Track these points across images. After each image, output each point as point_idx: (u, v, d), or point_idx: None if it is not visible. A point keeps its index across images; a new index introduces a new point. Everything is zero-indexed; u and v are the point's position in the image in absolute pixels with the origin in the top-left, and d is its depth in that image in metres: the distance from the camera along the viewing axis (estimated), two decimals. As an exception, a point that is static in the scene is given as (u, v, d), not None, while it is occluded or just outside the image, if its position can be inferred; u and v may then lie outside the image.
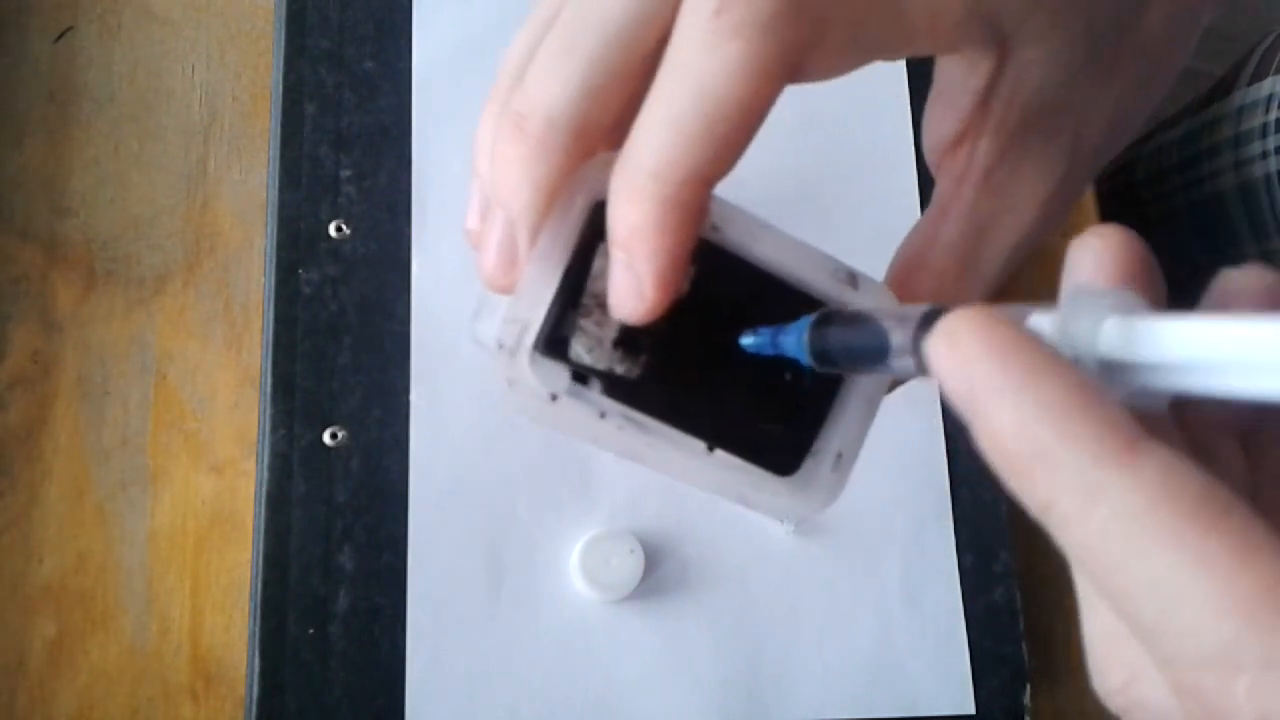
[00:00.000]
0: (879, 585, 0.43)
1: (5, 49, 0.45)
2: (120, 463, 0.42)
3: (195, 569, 0.41)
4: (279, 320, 0.41)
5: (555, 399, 0.24)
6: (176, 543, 0.41)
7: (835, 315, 0.23)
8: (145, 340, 0.43)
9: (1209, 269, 0.22)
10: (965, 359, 0.18)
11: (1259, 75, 0.55)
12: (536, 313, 0.24)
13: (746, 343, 0.25)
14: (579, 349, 0.24)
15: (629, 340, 0.24)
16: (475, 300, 0.28)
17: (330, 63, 0.44)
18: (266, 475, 0.40)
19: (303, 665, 0.39)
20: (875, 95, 0.48)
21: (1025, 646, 0.43)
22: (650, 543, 0.41)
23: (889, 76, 0.48)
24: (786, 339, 0.24)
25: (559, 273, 0.24)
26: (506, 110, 0.24)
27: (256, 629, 0.39)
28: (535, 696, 0.40)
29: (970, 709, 0.42)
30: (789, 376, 0.24)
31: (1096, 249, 0.20)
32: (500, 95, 0.25)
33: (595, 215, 0.24)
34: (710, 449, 0.25)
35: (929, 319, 0.21)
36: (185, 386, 0.43)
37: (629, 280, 0.22)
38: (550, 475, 0.42)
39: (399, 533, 0.40)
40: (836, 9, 0.22)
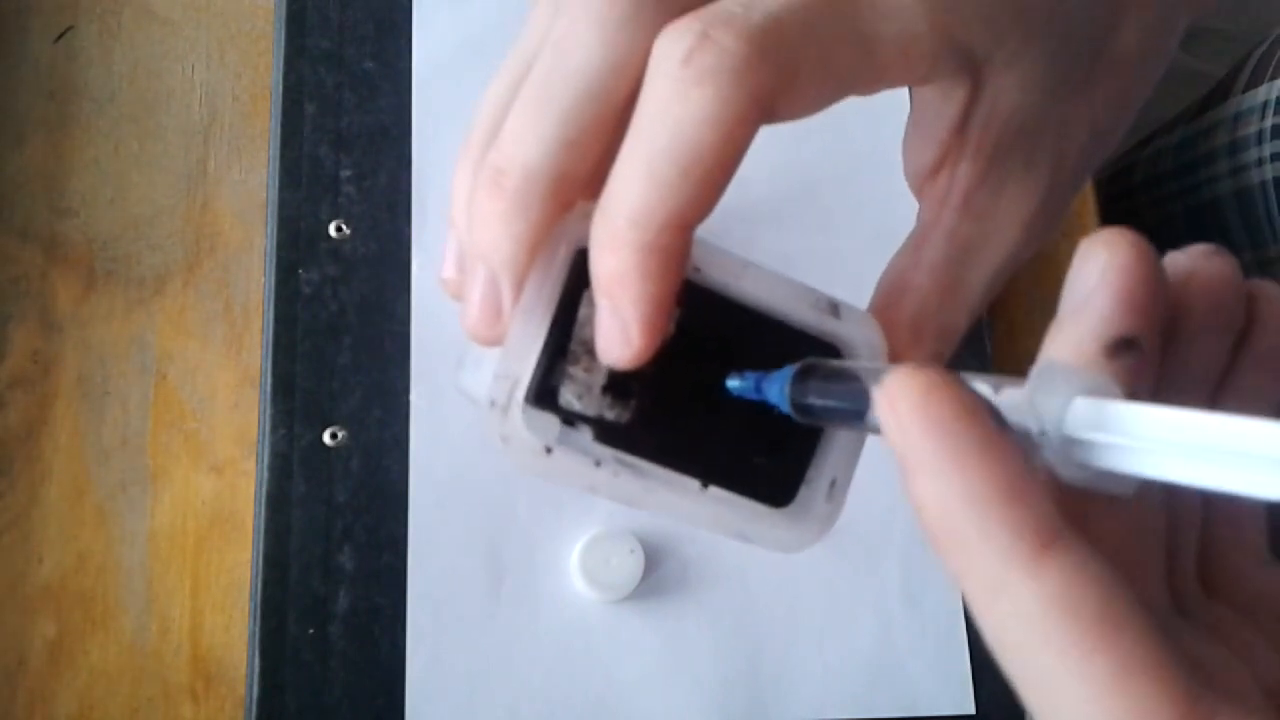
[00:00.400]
0: (879, 585, 0.43)
1: (5, 49, 0.45)
2: (120, 463, 0.42)
3: (195, 569, 0.41)
4: (279, 320, 0.41)
5: (550, 451, 0.24)
6: (176, 543, 0.41)
7: (817, 368, 0.24)
8: (145, 340, 0.43)
9: None
10: (900, 424, 0.19)
11: (1255, 82, 0.55)
12: (525, 366, 0.24)
13: (732, 386, 0.25)
14: (569, 396, 0.24)
15: (618, 385, 0.24)
16: (459, 351, 0.28)
17: (330, 63, 0.44)
18: (266, 475, 0.40)
19: (303, 665, 0.39)
20: (875, 97, 0.48)
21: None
22: (650, 543, 0.41)
23: (888, 78, 0.48)
24: (770, 387, 0.24)
25: (545, 325, 0.24)
26: (483, 165, 0.24)
27: (256, 629, 0.39)
28: (535, 696, 0.40)
29: (970, 709, 0.42)
30: (777, 409, 0.25)
31: (1103, 261, 0.20)
32: (475, 147, 0.25)
33: (578, 264, 0.24)
34: (704, 486, 0.25)
35: None
36: (185, 386, 0.43)
37: (615, 326, 0.23)
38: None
39: (399, 533, 0.40)
40: (805, 49, 0.22)
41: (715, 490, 0.25)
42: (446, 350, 0.42)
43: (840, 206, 0.46)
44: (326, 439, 0.41)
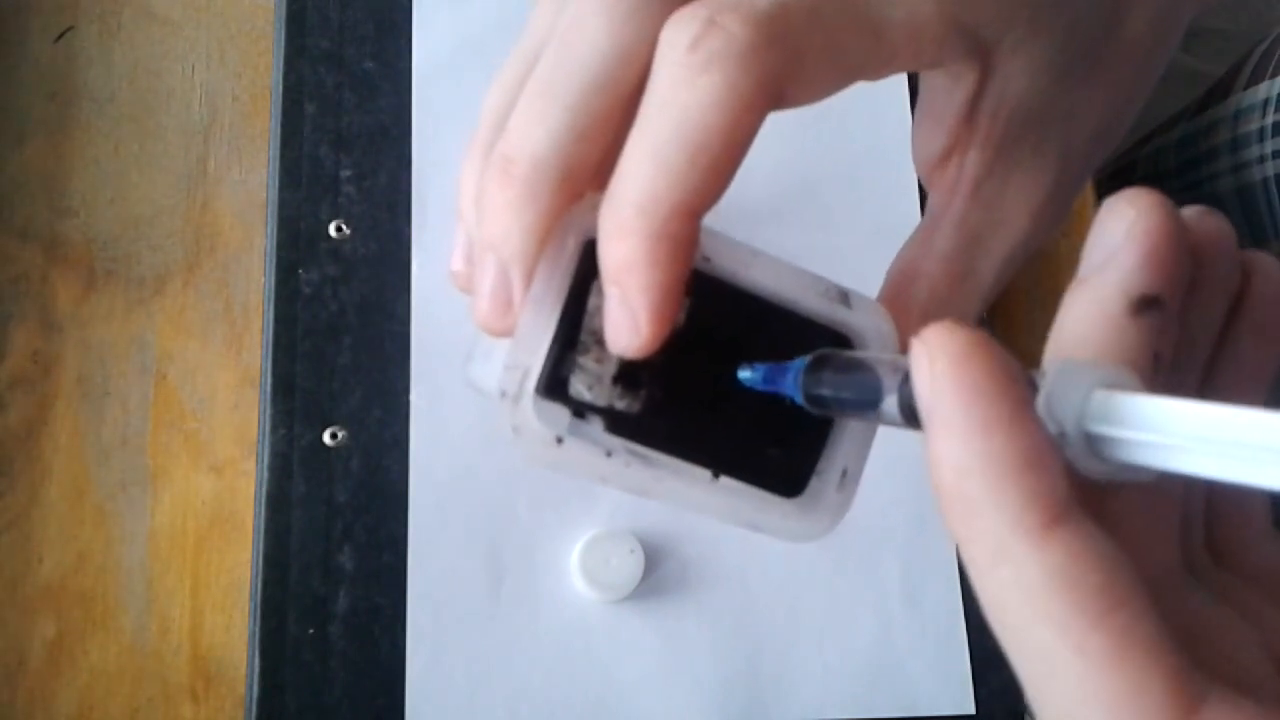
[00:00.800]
0: (879, 585, 0.43)
1: (5, 49, 0.45)
2: (120, 463, 0.42)
3: (195, 569, 0.41)
4: (279, 320, 0.41)
5: (561, 442, 0.24)
6: (176, 543, 0.41)
7: (830, 359, 0.24)
8: (145, 340, 0.43)
9: None
10: (935, 379, 0.19)
11: (1256, 79, 0.55)
12: (536, 357, 0.24)
13: (744, 377, 0.25)
14: (579, 387, 0.24)
15: (628, 375, 0.24)
16: (468, 343, 0.28)
17: (330, 63, 0.44)
18: (266, 475, 0.40)
19: (303, 665, 0.39)
20: (875, 94, 0.48)
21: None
22: (650, 543, 0.41)
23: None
24: (782, 378, 0.24)
25: (555, 315, 0.24)
26: (492, 155, 0.24)
27: (256, 629, 0.39)
28: (535, 696, 0.40)
29: (970, 709, 0.42)
30: (788, 399, 0.25)
31: (1129, 219, 0.20)
32: (482, 141, 0.25)
33: (587, 254, 0.24)
34: (715, 476, 0.25)
35: None
36: (185, 386, 0.43)
37: (624, 315, 0.22)
38: (550, 475, 0.42)
39: (399, 533, 0.40)
40: (813, 34, 0.22)
41: (726, 480, 0.25)
42: (446, 350, 0.42)
43: (840, 204, 0.46)
44: (326, 439, 0.41)
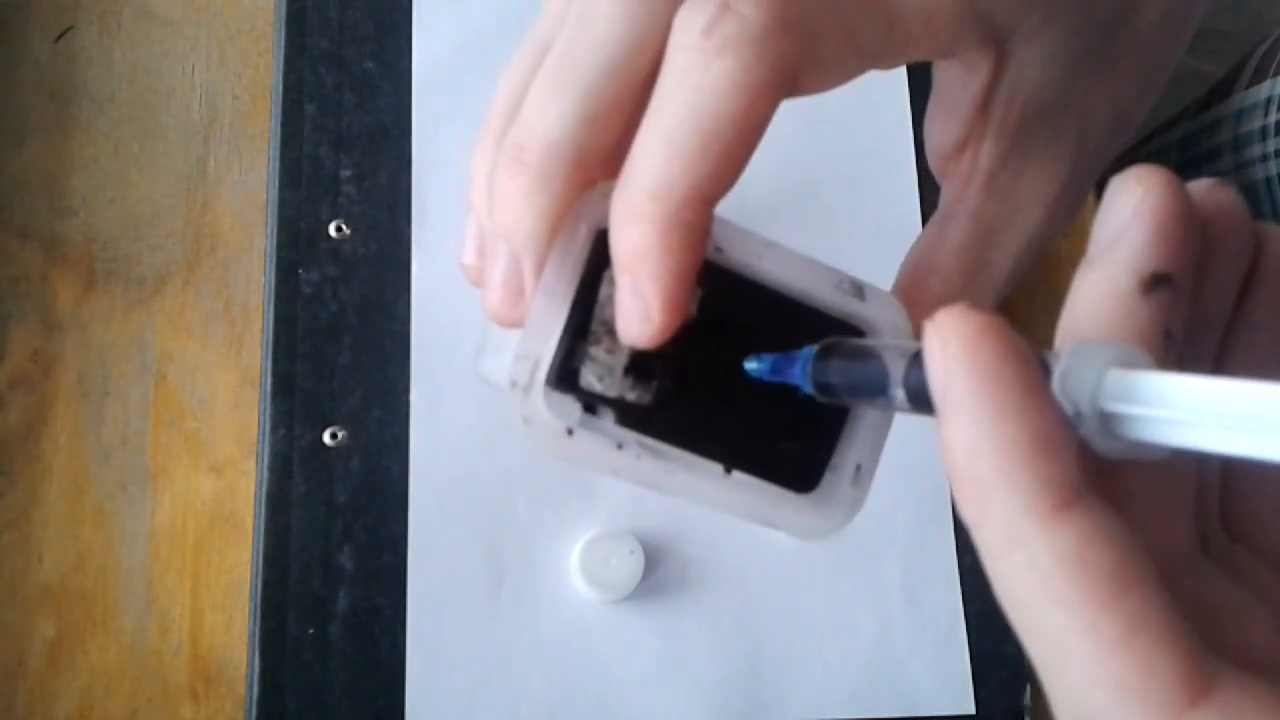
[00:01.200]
0: (879, 585, 0.43)
1: (5, 49, 0.45)
2: (120, 463, 0.42)
3: (195, 569, 0.41)
4: (279, 320, 0.41)
5: (571, 433, 0.24)
6: (176, 543, 0.41)
7: (839, 347, 0.23)
8: (145, 340, 0.43)
9: None
10: (948, 363, 0.18)
11: (1258, 78, 0.55)
12: (547, 347, 0.23)
13: (751, 368, 0.24)
14: (590, 378, 0.24)
15: (640, 366, 0.24)
16: (471, 342, 0.28)
17: (330, 63, 0.44)
18: (266, 475, 0.40)
19: (303, 665, 0.39)
20: (875, 94, 0.48)
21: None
22: (650, 543, 0.41)
23: (889, 75, 0.48)
24: (791, 368, 0.24)
25: (566, 304, 0.24)
26: (504, 143, 0.23)
27: (256, 629, 0.39)
28: (535, 696, 0.40)
29: (970, 709, 0.42)
30: (801, 392, 0.24)
31: (1138, 196, 0.20)
32: (494, 130, 0.25)
33: (599, 243, 0.23)
34: (727, 471, 0.24)
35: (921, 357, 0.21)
36: (185, 386, 0.43)
37: (635, 303, 0.22)
38: (550, 475, 0.42)
39: (399, 533, 0.40)
40: (828, 20, 0.22)
41: (739, 475, 0.25)
42: (446, 350, 0.42)
43: (840, 204, 0.46)
44: (326, 439, 0.41)
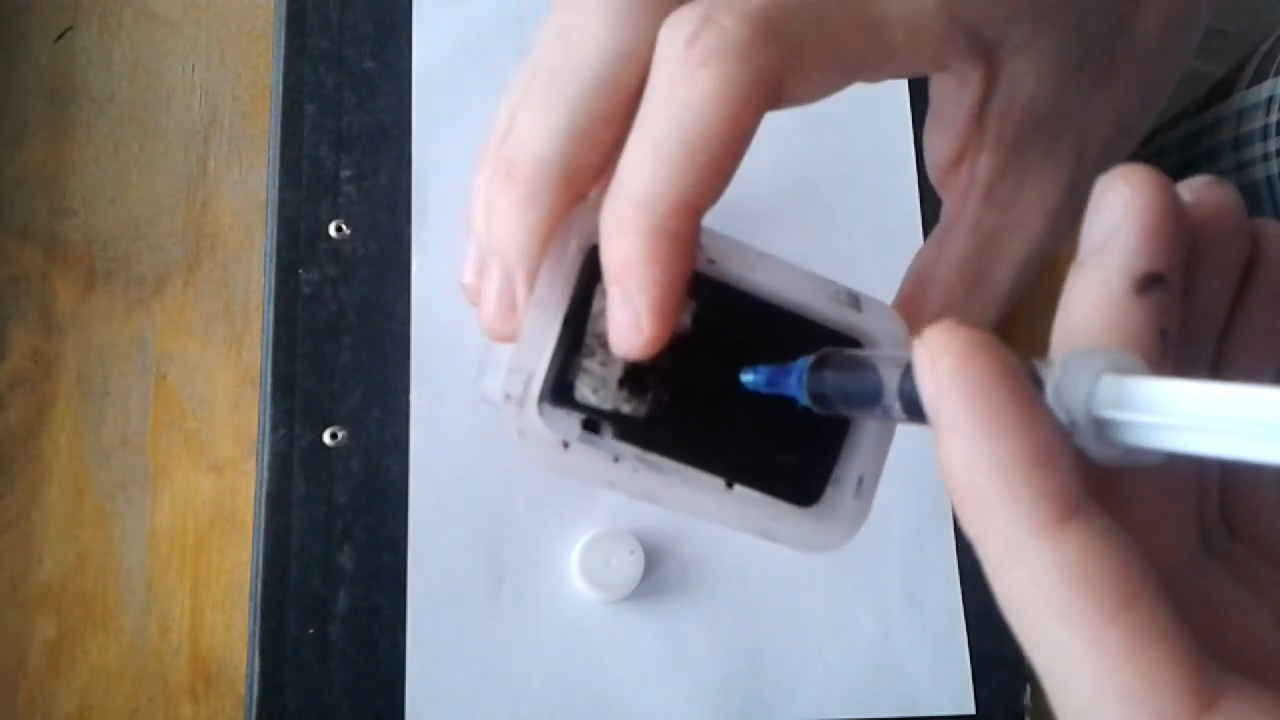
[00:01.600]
0: (879, 585, 0.43)
1: (5, 49, 0.45)
2: (120, 463, 0.42)
3: (195, 569, 0.41)
4: (279, 320, 0.41)
5: (567, 446, 0.23)
6: (176, 543, 0.41)
7: (833, 358, 0.23)
8: (145, 340, 0.43)
9: None
10: (938, 381, 0.18)
11: (1259, 77, 0.55)
12: (540, 360, 0.23)
13: (747, 380, 0.24)
14: (584, 390, 0.24)
15: (634, 379, 0.24)
16: (469, 343, 0.28)
17: (330, 63, 0.44)
18: (266, 475, 0.40)
19: (303, 665, 0.39)
20: (875, 95, 0.47)
21: (1025, 647, 0.42)
22: (650, 543, 0.41)
23: (889, 77, 0.48)
24: (786, 379, 0.24)
25: (559, 317, 0.24)
26: (497, 159, 0.24)
27: (256, 629, 0.39)
28: (535, 696, 0.40)
29: (970, 709, 0.42)
30: (801, 405, 0.24)
31: (1125, 196, 0.20)
32: (493, 150, 0.25)
33: (591, 257, 0.23)
34: (729, 485, 0.24)
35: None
36: (185, 386, 0.43)
37: (626, 314, 0.22)
38: (550, 476, 0.41)
39: (399, 533, 0.40)
40: (811, 32, 0.22)
41: (740, 489, 0.24)
42: (447, 350, 0.42)
43: (840, 206, 0.46)
44: (326, 439, 0.41)
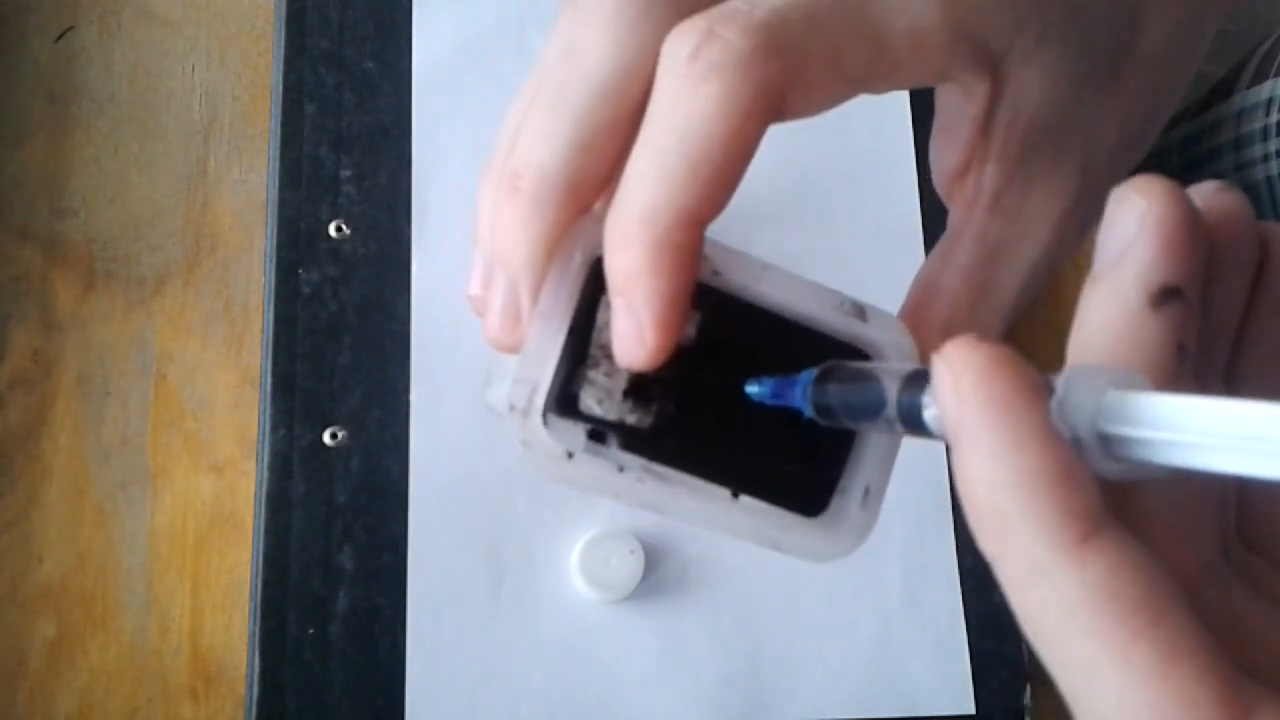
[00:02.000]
0: (879, 585, 0.43)
1: (5, 49, 0.45)
2: (120, 463, 0.42)
3: (195, 569, 0.41)
4: (279, 320, 0.41)
5: (572, 457, 0.23)
6: (176, 543, 0.41)
7: (838, 370, 0.23)
8: (145, 340, 0.43)
9: None
10: (960, 397, 0.18)
11: (1259, 78, 0.55)
12: (545, 371, 0.23)
13: (752, 391, 0.24)
14: (589, 401, 0.24)
15: (639, 390, 0.24)
16: (486, 367, 0.28)
17: (330, 63, 0.44)
18: (266, 475, 0.40)
19: (303, 665, 0.39)
20: (876, 97, 0.47)
21: (1025, 647, 0.43)
22: (650, 543, 0.41)
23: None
24: (791, 391, 0.24)
25: (564, 329, 0.24)
26: (502, 172, 0.24)
27: (256, 629, 0.39)
28: (535, 697, 0.40)
29: (970, 709, 0.42)
30: (804, 416, 0.24)
31: (1141, 208, 0.20)
32: (498, 162, 0.25)
33: (596, 269, 0.23)
34: (735, 495, 0.24)
35: (914, 380, 0.21)
36: (185, 386, 0.43)
37: (630, 326, 0.22)
38: (550, 482, 0.41)
39: (399, 533, 0.40)
40: (814, 44, 0.22)
41: (746, 499, 0.24)
42: (446, 350, 0.42)
43: (840, 206, 0.46)
44: (326, 439, 0.41)
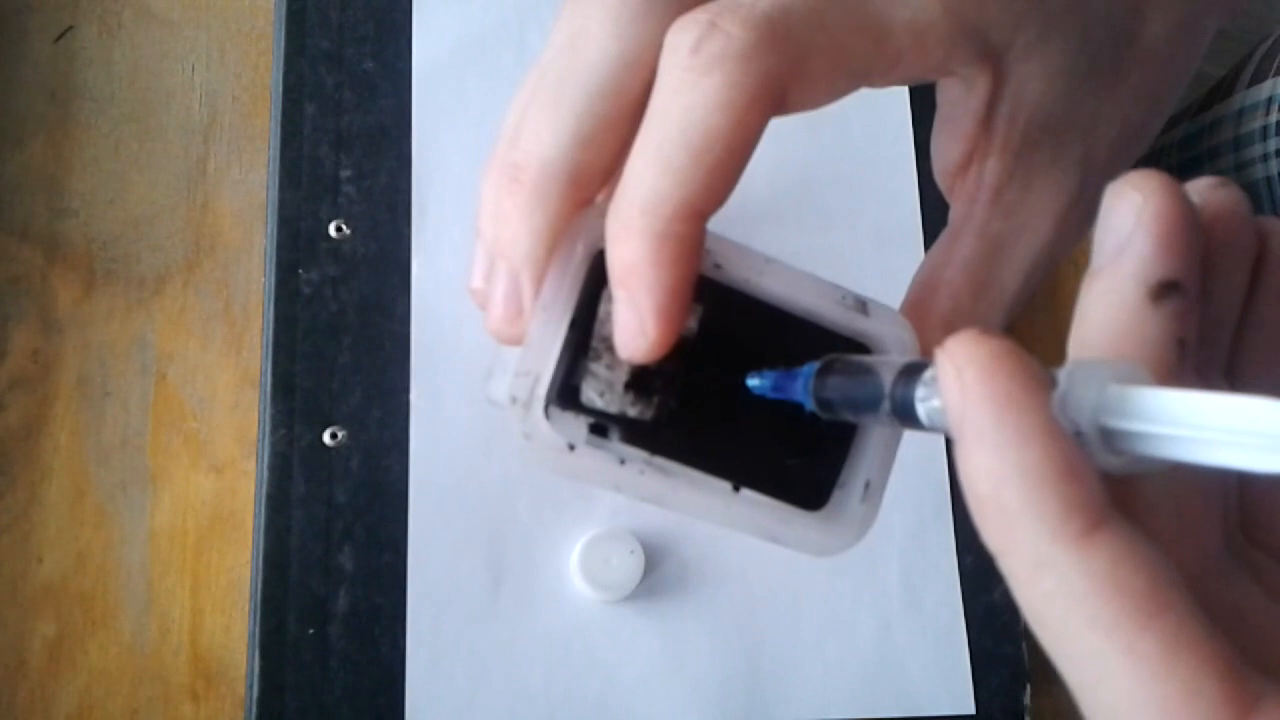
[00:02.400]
0: (879, 585, 0.43)
1: (5, 49, 0.45)
2: (120, 463, 0.42)
3: (195, 569, 0.41)
4: (279, 320, 0.41)
5: (573, 449, 0.23)
6: (176, 543, 0.41)
7: (839, 363, 0.23)
8: (145, 340, 0.43)
9: None
10: (964, 391, 0.18)
11: (1259, 77, 0.55)
12: (546, 363, 0.23)
13: (753, 384, 0.24)
14: (590, 393, 0.24)
15: (641, 383, 0.24)
16: (489, 360, 0.28)
17: (330, 63, 0.44)
18: (266, 475, 0.40)
19: (303, 665, 0.39)
20: (876, 94, 0.48)
21: (1025, 646, 0.43)
22: (650, 543, 0.41)
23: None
24: (792, 384, 0.24)
25: (565, 321, 0.24)
26: (504, 164, 0.24)
27: (256, 629, 0.39)
28: (535, 696, 0.40)
29: (970, 709, 0.42)
30: (805, 409, 0.24)
31: (1137, 203, 0.20)
32: (500, 155, 0.25)
33: (598, 262, 0.23)
34: (736, 489, 0.24)
35: (908, 372, 0.21)
36: (185, 386, 0.43)
37: (631, 317, 0.22)
38: (550, 476, 0.41)
39: (399, 533, 0.40)
40: (816, 37, 0.22)
41: (747, 493, 0.24)
42: (446, 350, 0.42)
43: (840, 206, 0.46)
44: (326, 439, 0.41)
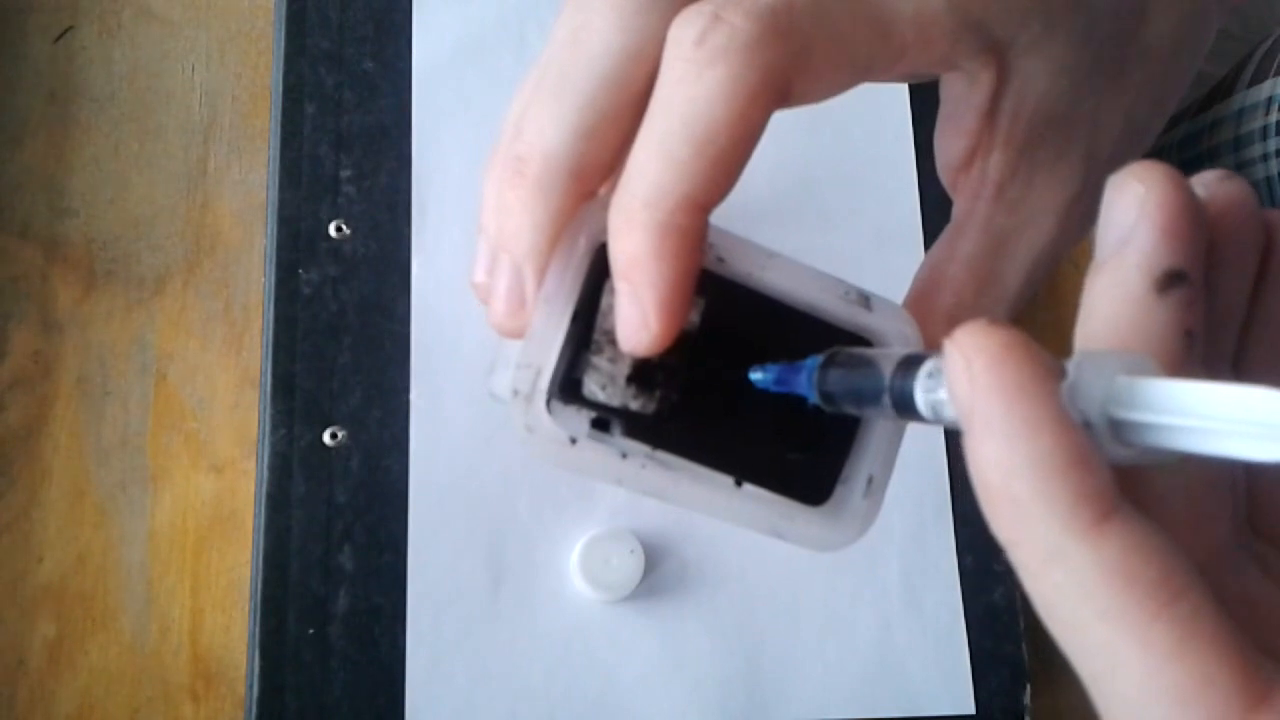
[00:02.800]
0: (879, 585, 0.43)
1: (5, 49, 0.45)
2: (120, 463, 0.42)
3: (195, 569, 0.41)
4: (279, 320, 0.41)
5: (575, 442, 0.23)
6: (176, 543, 0.41)
7: (842, 356, 0.23)
8: (145, 340, 0.43)
9: None
10: (973, 382, 0.18)
11: (1259, 77, 0.55)
12: (549, 356, 0.23)
13: (756, 378, 0.24)
14: (592, 386, 0.24)
15: (643, 376, 0.24)
16: (490, 355, 0.28)
17: (330, 63, 0.44)
18: (266, 475, 0.40)
19: (303, 665, 0.39)
20: (876, 94, 0.48)
21: (1025, 646, 0.43)
22: (650, 543, 0.41)
23: (889, 77, 0.48)
24: (796, 378, 0.24)
25: (568, 314, 0.24)
26: (506, 157, 0.24)
27: (256, 629, 0.39)
28: (535, 696, 0.40)
29: (970, 709, 0.42)
30: (809, 403, 0.24)
31: (1140, 194, 0.20)
32: (503, 149, 0.25)
33: (600, 255, 0.23)
34: (738, 483, 0.24)
35: (908, 364, 0.20)
36: (185, 386, 0.43)
37: (633, 310, 0.22)
38: (551, 475, 0.42)
39: (399, 533, 0.40)
40: (820, 30, 0.22)
41: (749, 487, 0.24)
42: (446, 350, 0.42)
43: (840, 206, 0.46)
44: (326, 439, 0.41)
